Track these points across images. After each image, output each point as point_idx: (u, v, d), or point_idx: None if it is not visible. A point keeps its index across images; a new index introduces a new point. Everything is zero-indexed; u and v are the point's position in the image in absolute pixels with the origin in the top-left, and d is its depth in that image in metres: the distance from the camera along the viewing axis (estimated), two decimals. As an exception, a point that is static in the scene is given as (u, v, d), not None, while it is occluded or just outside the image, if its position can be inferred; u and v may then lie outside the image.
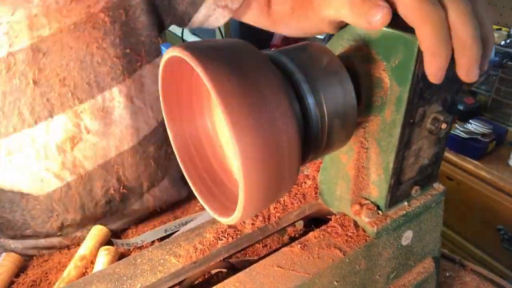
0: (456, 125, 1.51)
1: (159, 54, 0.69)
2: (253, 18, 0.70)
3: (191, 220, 0.69)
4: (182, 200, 0.79)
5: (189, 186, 0.38)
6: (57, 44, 0.56)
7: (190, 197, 0.79)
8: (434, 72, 0.32)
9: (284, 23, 0.68)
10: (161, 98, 0.37)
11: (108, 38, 0.60)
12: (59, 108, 0.58)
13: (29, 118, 0.57)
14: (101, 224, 0.66)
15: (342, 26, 0.39)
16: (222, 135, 0.39)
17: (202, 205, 0.37)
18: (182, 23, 0.73)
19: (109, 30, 0.60)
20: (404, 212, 0.43)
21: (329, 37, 1.25)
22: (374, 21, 0.32)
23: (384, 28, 0.35)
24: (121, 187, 0.67)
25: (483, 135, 1.47)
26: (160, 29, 0.70)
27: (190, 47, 0.29)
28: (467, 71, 0.33)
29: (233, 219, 0.31)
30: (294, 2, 0.63)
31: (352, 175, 0.43)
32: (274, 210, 0.48)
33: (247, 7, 0.69)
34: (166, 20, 0.71)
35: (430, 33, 0.31)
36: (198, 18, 0.71)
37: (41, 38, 0.55)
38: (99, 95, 0.60)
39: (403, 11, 0.32)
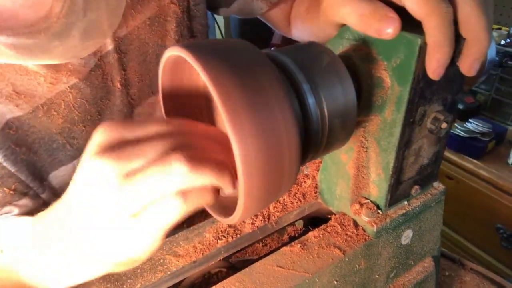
0: (455, 124, 1.51)
1: None
2: (278, 18, 0.71)
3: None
4: None
5: None
6: (134, 42, 0.55)
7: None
8: (434, 67, 0.32)
9: (298, 25, 0.69)
10: (161, 97, 0.37)
11: (179, 28, 0.59)
12: (137, 102, 0.58)
13: (117, 118, 0.57)
14: None
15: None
16: (222, 135, 0.39)
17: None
18: (225, 4, 0.71)
19: (179, 20, 0.59)
20: (404, 211, 0.43)
21: (329, 36, 1.24)
22: (385, 33, 0.32)
23: (385, 28, 0.35)
24: None
25: (482, 134, 1.47)
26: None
27: (190, 46, 0.29)
28: (471, 64, 0.33)
29: (233, 218, 0.31)
30: (309, 3, 0.63)
31: (352, 175, 0.43)
32: (274, 209, 0.48)
33: (278, 4, 0.69)
34: (214, 2, 0.69)
35: (436, 25, 0.31)
36: (239, 4, 0.69)
37: (120, 38, 0.54)
38: None
39: (410, 4, 0.32)
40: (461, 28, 0.32)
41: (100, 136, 0.31)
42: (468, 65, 0.33)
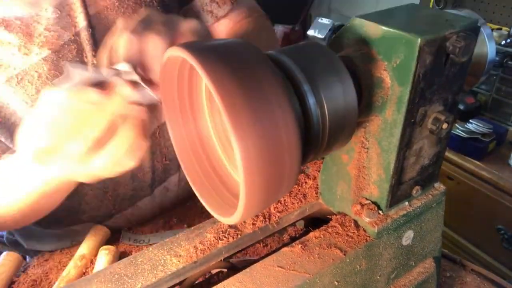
0: (456, 124, 1.51)
1: None
2: (225, 34, 0.73)
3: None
4: None
5: None
6: (103, 21, 0.57)
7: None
8: None
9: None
10: (161, 98, 0.37)
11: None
12: None
13: None
14: (144, 197, 0.70)
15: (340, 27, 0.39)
16: (223, 135, 0.39)
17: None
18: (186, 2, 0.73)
19: (148, 5, 0.61)
20: (405, 212, 0.43)
21: (329, 36, 1.25)
22: None
23: (385, 28, 0.35)
24: (164, 159, 0.71)
25: (483, 134, 1.46)
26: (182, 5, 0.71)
27: (190, 47, 0.29)
28: None
29: (233, 218, 0.31)
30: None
31: (353, 175, 0.43)
32: (275, 210, 0.48)
33: (227, 21, 0.72)
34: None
35: None
36: (195, 5, 0.71)
37: (89, 16, 0.56)
38: None
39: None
40: None
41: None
42: None
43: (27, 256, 0.76)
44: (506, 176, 1.38)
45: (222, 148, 0.39)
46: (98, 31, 0.57)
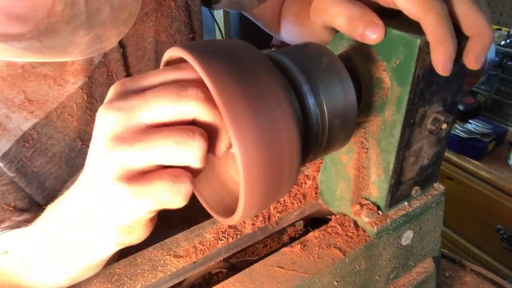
0: (456, 125, 1.51)
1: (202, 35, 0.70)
2: (267, 17, 0.71)
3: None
4: None
5: None
6: (132, 37, 0.55)
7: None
8: (442, 63, 0.32)
9: (287, 28, 0.69)
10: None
11: (175, 25, 0.60)
12: None
13: None
14: None
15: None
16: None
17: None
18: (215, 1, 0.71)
19: (176, 16, 0.59)
20: (404, 212, 0.43)
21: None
22: (369, 39, 0.33)
23: (385, 28, 0.35)
24: None
25: (483, 135, 1.47)
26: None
27: (190, 47, 0.29)
28: (477, 58, 0.33)
29: (233, 219, 0.31)
30: (299, 8, 0.63)
31: (353, 175, 0.43)
32: (274, 210, 0.48)
33: (271, 2, 0.69)
34: None
35: (435, 21, 0.31)
36: None
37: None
38: None
39: (404, 5, 0.32)
40: (463, 27, 0.33)
41: (110, 90, 0.30)
42: (475, 59, 0.33)
43: None
44: (506, 176, 1.38)
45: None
46: (127, 49, 0.55)
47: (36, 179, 0.51)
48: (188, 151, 0.28)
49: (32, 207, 0.51)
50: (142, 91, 0.29)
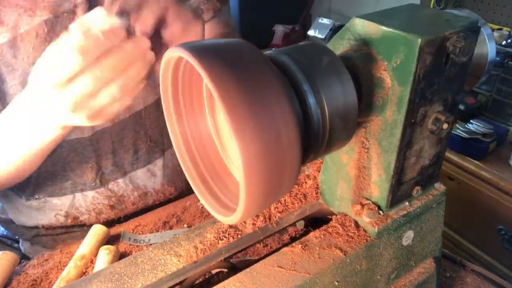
0: (457, 125, 1.51)
1: None
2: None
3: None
4: None
5: None
6: None
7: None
8: None
9: None
10: (162, 97, 0.37)
11: None
12: None
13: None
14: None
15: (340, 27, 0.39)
16: (223, 135, 0.39)
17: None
18: None
19: None
20: (405, 212, 0.43)
21: (330, 36, 1.25)
22: None
23: (385, 28, 0.35)
24: (148, 140, 0.75)
25: (484, 135, 1.46)
26: None
27: (191, 47, 0.29)
28: None
29: (234, 218, 0.31)
30: None
31: (353, 175, 0.43)
32: (275, 210, 0.48)
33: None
34: None
35: None
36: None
37: None
38: None
39: None
40: None
41: None
42: None
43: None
44: (507, 176, 1.38)
45: (221, 148, 0.39)
46: (94, 4, 0.60)
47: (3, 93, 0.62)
48: None
49: None
50: None
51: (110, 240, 0.66)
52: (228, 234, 0.45)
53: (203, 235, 0.45)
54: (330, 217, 0.46)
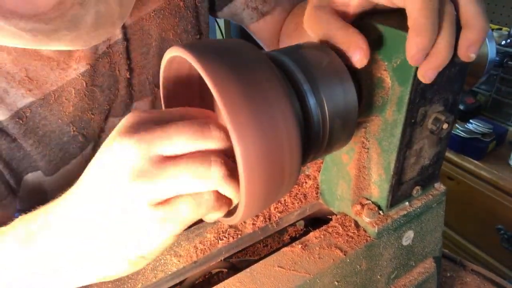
0: (456, 125, 1.51)
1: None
2: (266, 33, 0.70)
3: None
4: None
5: None
6: (138, 33, 0.55)
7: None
8: (413, 51, 0.30)
9: (285, 42, 0.69)
10: (162, 97, 0.37)
11: (182, 24, 0.60)
12: (138, 96, 0.58)
13: (117, 108, 0.56)
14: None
15: None
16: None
17: None
18: (218, 8, 0.70)
19: (183, 16, 0.59)
20: (405, 212, 0.43)
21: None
22: (354, 61, 0.33)
23: (385, 28, 0.35)
24: None
25: (483, 135, 1.47)
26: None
27: (191, 47, 0.29)
28: (468, 48, 0.32)
29: (234, 218, 0.31)
30: (299, 19, 0.63)
31: (353, 175, 0.43)
32: (275, 210, 0.48)
33: (272, 18, 0.69)
34: (211, 3, 0.69)
35: (419, 8, 0.30)
36: (230, 9, 0.69)
37: (125, 27, 0.54)
38: None
39: None
40: (460, 17, 0.32)
41: (126, 118, 0.30)
42: (465, 49, 0.32)
43: None
44: (506, 176, 1.38)
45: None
46: (132, 43, 0.55)
47: (27, 159, 0.51)
48: (206, 182, 0.29)
49: (9, 194, 0.51)
50: (161, 123, 0.29)
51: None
52: (228, 234, 0.45)
53: (203, 235, 0.45)
54: (330, 217, 0.46)
